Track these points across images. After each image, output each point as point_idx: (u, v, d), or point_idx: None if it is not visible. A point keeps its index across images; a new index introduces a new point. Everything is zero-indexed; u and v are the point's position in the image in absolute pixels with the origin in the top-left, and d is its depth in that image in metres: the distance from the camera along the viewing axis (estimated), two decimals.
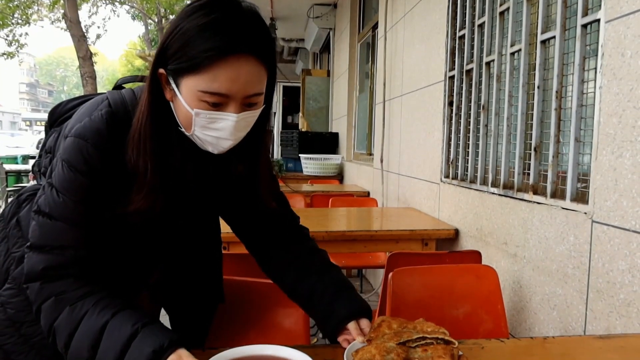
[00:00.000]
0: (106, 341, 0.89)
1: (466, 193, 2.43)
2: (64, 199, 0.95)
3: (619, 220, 1.40)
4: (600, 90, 1.51)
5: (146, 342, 0.87)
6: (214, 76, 0.89)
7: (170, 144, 0.98)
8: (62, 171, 0.95)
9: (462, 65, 2.57)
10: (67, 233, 0.96)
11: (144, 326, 0.90)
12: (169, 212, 1.04)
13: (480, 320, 1.65)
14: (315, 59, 9.59)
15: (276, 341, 0.99)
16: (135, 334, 0.89)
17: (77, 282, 0.96)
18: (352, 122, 5.84)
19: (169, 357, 0.86)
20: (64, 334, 0.92)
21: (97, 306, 0.93)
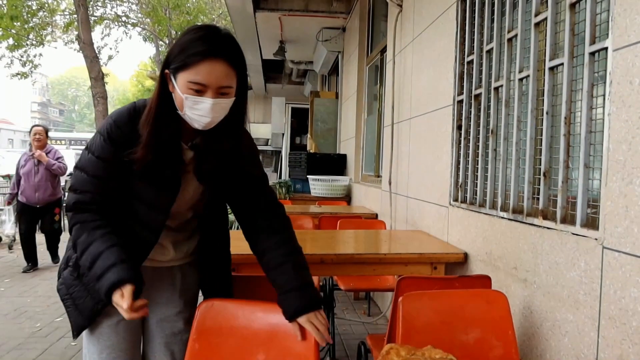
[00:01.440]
0: (99, 262, 1.36)
1: (475, 217, 2.43)
2: (90, 156, 1.43)
3: (630, 246, 1.40)
4: (609, 117, 1.52)
5: (116, 273, 1.33)
6: (197, 71, 1.32)
7: (169, 121, 1.40)
8: (94, 138, 1.46)
9: (470, 90, 2.59)
10: (89, 181, 1.43)
11: (120, 262, 1.35)
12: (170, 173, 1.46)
13: (490, 345, 1.65)
14: (324, 81, 9.69)
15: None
16: (113, 266, 1.34)
17: (94, 216, 1.43)
18: (360, 144, 5.87)
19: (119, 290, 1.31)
20: (80, 249, 1.41)
21: (101, 238, 1.40)
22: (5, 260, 6.21)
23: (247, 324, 1.50)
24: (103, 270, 1.34)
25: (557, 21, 1.86)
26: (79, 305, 1.51)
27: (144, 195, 1.48)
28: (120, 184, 1.46)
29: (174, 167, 1.48)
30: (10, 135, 45.81)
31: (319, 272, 2.46)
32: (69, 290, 1.54)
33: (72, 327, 1.54)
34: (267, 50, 8.30)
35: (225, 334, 1.49)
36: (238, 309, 1.53)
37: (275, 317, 1.47)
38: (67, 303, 1.55)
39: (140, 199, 1.49)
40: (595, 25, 1.63)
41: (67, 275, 1.55)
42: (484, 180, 2.42)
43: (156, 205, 1.50)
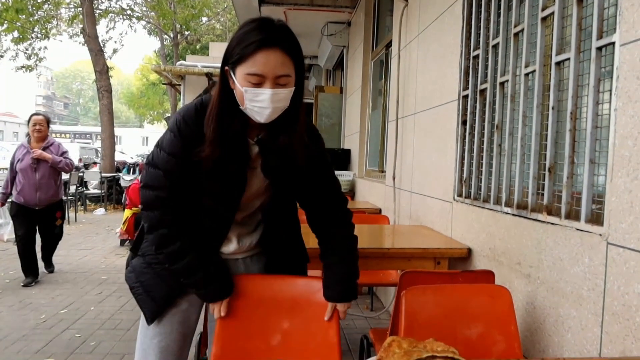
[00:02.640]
0: (198, 275, 1.49)
1: (479, 212, 2.42)
2: (162, 152, 1.45)
3: (635, 242, 1.40)
4: (615, 112, 1.51)
5: (217, 291, 1.53)
6: (254, 62, 1.32)
7: (232, 117, 1.41)
8: (164, 134, 1.48)
9: (476, 85, 2.58)
10: (163, 177, 1.45)
11: (218, 279, 1.53)
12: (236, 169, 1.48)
13: (493, 340, 1.65)
14: (329, 75, 9.67)
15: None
16: (214, 281, 1.52)
17: (177, 219, 1.47)
18: (364, 139, 5.86)
19: (221, 301, 1.54)
20: (172, 258, 1.48)
21: (195, 254, 1.48)
22: (9, 253, 6.24)
23: (273, 295, 1.62)
24: (202, 285, 1.51)
25: (564, 15, 1.85)
26: (151, 292, 1.56)
27: (212, 191, 1.51)
28: (191, 180, 1.48)
29: (240, 163, 1.49)
30: (15, 128, 45.98)
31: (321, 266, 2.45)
32: (140, 277, 1.59)
33: (146, 314, 1.58)
34: None
35: (253, 305, 1.60)
36: (264, 282, 1.64)
37: (298, 290, 1.64)
38: (137, 291, 1.59)
39: (208, 195, 1.52)
40: (603, 19, 1.62)
41: (138, 264, 1.60)
42: (489, 176, 2.41)
43: (224, 201, 1.54)
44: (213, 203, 1.53)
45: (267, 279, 1.65)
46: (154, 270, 1.57)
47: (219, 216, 1.56)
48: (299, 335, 1.58)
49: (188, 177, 1.47)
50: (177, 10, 18.33)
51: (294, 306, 1.61)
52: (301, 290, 1.63)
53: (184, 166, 1.45)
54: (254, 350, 1.56)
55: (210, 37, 23.79)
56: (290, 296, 1.62)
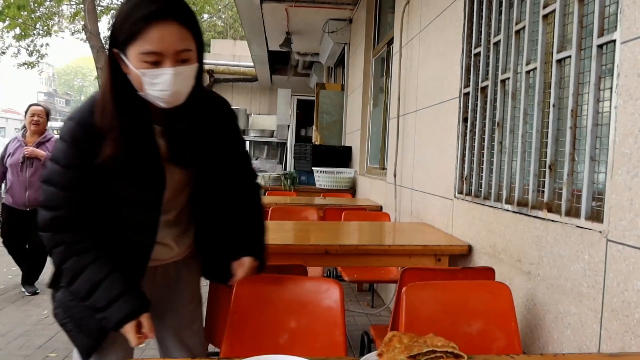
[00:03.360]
0: (100, 292, 1.25)
1: (480, 209, 2.43)
2: (56, 166, 1.26)
3: (635, 239, 1.40)
4: (615, 110, 1.52)
5: (127, 303, 1.26)
6: (146, 39, 1.15)
7: (130, 107, 1.24)
8: (56, 145, 1.28)
9: (477, 82, 2.59)
10: (60, 196, 1.26)
11: (127, 293, 1.27)
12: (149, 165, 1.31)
13: (493, 337, 1.65)
14: (330, 73, 9.67)
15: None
16: (121, 296, 1.26)
17: (77, 235, 1.28)
18: (365, 136, 5.86)
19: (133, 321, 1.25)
20: (68, 276, 1.28)
21: (96, 262, 1.28)
22: None
23: (280, 295, 1.63)
24: (108, 301, 1.25)
25: (566, 13, 1.85)
26: (83, 326, 1.37)
27: (128, 196, 1.32)
28: (99, 191, 1.29)
29: (151, 157, 1.31)
30: (16, 124, 45.99)
31: (323, 262, 2.47)
32: (68, 312, 1.39)
33: (80, 351, 1.39)
34: (273, 42, 8.28)
35: (261, 305, 1.61)
36: (272, 282, 1.65)
37: (305, 289, 1.65)
38: (68, 327, 1.39)
39: (126, 202, 1.33)
40: (604, 17, 1.62)
41: (64, 297, 1.39)
42: (489, 173, 2.42)
43: (145, 204, 1.35)
44: (132, 210, 1.34)
45: (275, 279, 1.66)
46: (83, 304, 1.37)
47: (142, 223, 1.36)
48: (306, 334, 1.60)
49: (95, 188, 1.28)
50: None
51: (301, 306, 1.63)
52: (308, 290, 1.65)
53: (87, 178, 1.26)
54: (262, 349, 1.57)
55: (211, 34, 23.77)
56: (298, 296, 1.64)
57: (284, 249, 2.36)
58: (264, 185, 6.21)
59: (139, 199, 1.33)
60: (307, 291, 1.64)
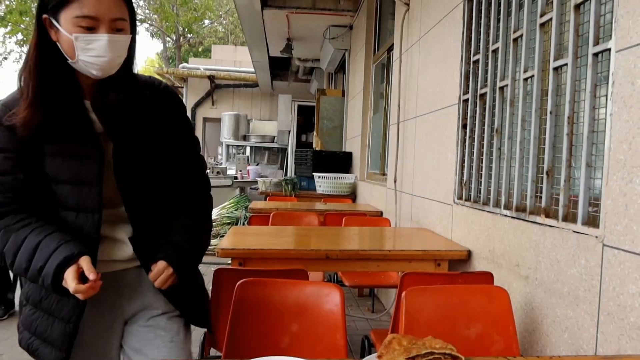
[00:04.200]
0: (38, 254, 1.17)
1: (479, 215, 2.46)
2: None
3: (630, 244, 1.43)
4: (611, 117, 1.55)
5: (62, 252, 1.16)
6: (82, 2, 1.14)
7: (56, 73, 1.21)
8: None
9: (476, 89, 2.62)
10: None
11: (66, 242, 1.18)
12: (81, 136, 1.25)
13: (491, 340, 1.68)
14: (330, 79, 9.71)
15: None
16: (57, 247, 1.17)
17: (16, 217, 1.23)
18: (366, 142, 5.89)
19: (72, 266, 1.14)
20: (10, 254, 1.21)
21: (34, 231, 1.21)
22: None
23: (281, 299, 1.65)
24: (46, 258, 1.16)
25: (562, 22, 1.89)
26: (48, 337, 1.28)
27: (66, 174, 1.24)
28: (36, 173, 1.24)
29: (84, 130, 1.26)
30: None
31: (324, 267, 2.50)
32: (31, 328, 1.30)
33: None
34: (274, 48, 8.33)
35: (262, 309, 1.63)
36: (272, 286, 1.67)
37: (306, 293, 1.66)
38: (34, 346, 1.30)
39: (64, 181, 1.25)
40: (599, 26, 1.65)
41: (25, 314, 1.32)
42: (488, 179, 2.45)
43: (84, 179, 1.25)
44: (71, 187, 1.25)
45: (276, 283, 1.68)
46: (43, 309, 1.29)
47: (85, 202, 1.26)
48: (307, 338, 1.62)
49: (31, 172, 1.24)
50: (179, 13, 18.42)
51: (302, 310, 1.65)
52: (309, 294, 1.67)
53: (21, 161, 1.22)
54: (263, 352, 1.58)
55: (212, 39, 23.87)
56: (299, 300, 1.67)
57: (285, 254, 2.38)
58: (264, 190, 6.24)
59: (77, 175, 1.25)
60: (308, 295, 1.67)
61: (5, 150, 1.22)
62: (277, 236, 2.86)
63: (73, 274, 1.13)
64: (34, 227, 1.21)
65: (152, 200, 1.36)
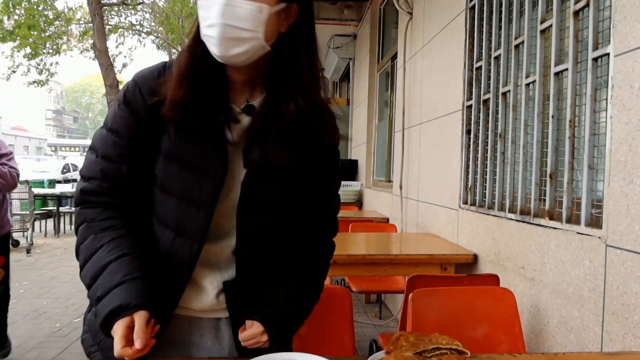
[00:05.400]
0: (102, 279, 0.98)
1: (484, 219, 2.49)
2: (102, 130, 1.08)
3: (632, 243, 1.46)
4: (611, 119, 1.58)
5: (120, 295, 0.95)
6: None
7: (205, 72, 1.01)
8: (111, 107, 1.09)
9: (479, 95, 2.66)
10: (97, 164, 1.06)
11: (131, 280, 0.97)
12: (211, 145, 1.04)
13: (498, 341, 1.70)
14: (335, 87, 9.78)
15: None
16: (120, 284, 0.96)
17: (105, 212, 1.05)
18: (371, 150, 5.94)
19: (124, 317, 0.93)
20: (82, 257, 1.03)
21: (111, 243, 1.01)
22: (23, 263, 6.35)
23: None
24: (106, 290, 0.96)
25: (562, 28, 1.93)
26: (111, 358, 0.99)
27: (175, 185, 1.05)
28: (144, 171, 1.07)
29: (216, 139, 1.04)
30: (25, 142, 46.54)
31: (331, 272, 2.51)
32: (96, 338, 1.11)
33: None
34: None
35: None
36: None
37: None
38: (95, 357, 1.12)
39: (170, 192, 1.06)
40: (598, 32, 1.69)
41: (92, 319, 1.12)
42: (493, 183, 2.48)
43: (195, 197, 1.04)
44: (177, 202, 1.05)
45: None
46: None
47: (187, 223, 1.06)
48: (315, 340, 1.63)
49: (139, 164, 1.06)
50: (184, 25, 18.57)
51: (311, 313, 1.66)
52: None
53: (133, 147, 1.05)
54: None
55: None
56: None
57: None
58: None
59: (188, 189, 1.04)
60: None
61: (118, 133, 1.05)
62: None
63: (122, 331, 0.92)
64: (113, 236, 1.02)
65: (269, 242, 1.13)
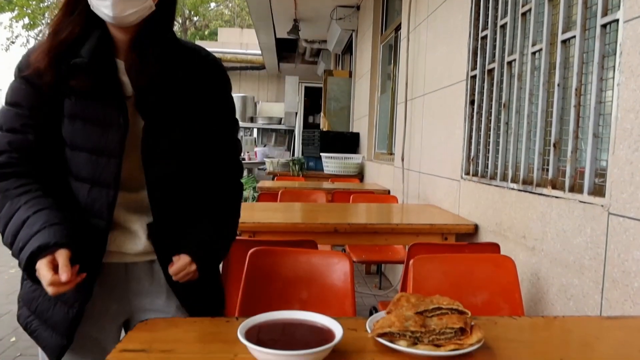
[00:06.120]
0: (22, 232, 1.03)
1: (486, 189, 2.48)
2: (3, 107, 1.13)
3: (635, 211, 1.46)
4: (618, 87, 1.56)
5: (39, 239, 1.00)
6: None
7: (82, 24, 1.09)
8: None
9: (484, 65, 2.63)
10: (2, 138, 1.11)
11: (49, 226, 1.02)
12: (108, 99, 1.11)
13: (498, 308, 1.71)
14: (338, 60, 9.68)
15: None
16: (38, 232, 1.01)
17: (19, 180, 1.09)
18: (373, 122, 5.90)
19: (46, 256, 0.99)
20: (2, 222, 1.07)
21: (28, 203, 1.06)
22: None
23: (291, 267, 1.68)
24: (26, 240, 1.01)
25: None
26: (48, 319, 1.15)
27: (84, 141, 1.11)
28: (50, 135, 1.12)
29: (112, 93, 1.11)
30: None
31: (332, 240, 2.54)
32: (32, 305, 1.17)
33: (49, 353, 1.15)
34: (281, 29, 8.30)
35: (273, 277, 1.66)
36: (282, 255, 1.70)
37: (316, 262, 1.68)
38: (33, 326, 1.16)
39: (80, 148, 1.12)
40: None
41: (26, 290, 1.19)
42: (495, 153, 2.47)
43: (103, 148, 1.11)
44: (87, 156, 1.12)
45: (287, 252, 1.72)
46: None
47: (101, 174, 1.12)
48: (317, 304, 1.65)
49: (46, 132, 1.11)
50: None
51: (312, 277, 1.68)
52: (319, 262, 1.70)
53: (36, 118, 1.10)
54: None
55: (218, 22, 23.75)
56: (309, 268, 1.69)
57: (294, 228, 2.42)
58: (272, 170, 6.28)
59: (96, 143, 1.11)
60: (317, 263, 1.70)
61: (18, 105, 1.11)
62: (286, 211, 2.91)
63: (46, 266, 0.97)
64: (29, 198, 1.07)
65: (179, 185, 1.20)
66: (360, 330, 1.08)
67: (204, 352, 0.98)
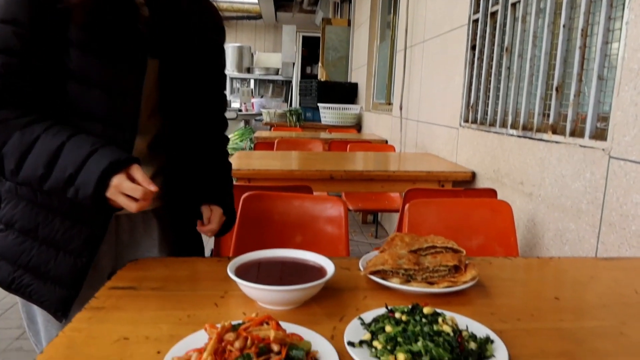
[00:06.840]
0: (64, 159, 0.90)
1: (485, 136, 2.44)
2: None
3: (637, 154, 1.42)
4: (626, 25, 1.50)
5: (104, 156, 0.90)
6: None
7: None
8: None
9: (487, 8, 2.53)
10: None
11: (102, 146, 0.92)
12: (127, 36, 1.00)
13: (493, 251, 1.71)
14: (336, 8, 9.41)
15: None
16: (94, 152, 0.91)
17: (19, 110, 0.94)
18: (371, 72, 5.79)
19: (122, 171, 0.91)
20: (15, 156, 0.92)
21: (49, 131, 0.92)
22: None
23: (285, 212, 1.66)
24: (81, 161, 0.90)
25: None
26: (49, 272, 1.02)
27: (98, 75, 0.98)
28: (56, 65, 0.96)
29: (131, 29, 1.00)
30: None
31: (328, 187, 2.51)
32: (19, 259, 1.02)
33: (53, 310, 1.04)
34: None
35: (267, 221, 1.65)
36: (276, 200, 1.68)
37: (310, 206, 1.66)
38: (23, 281, 1.02)
39: (93, 83, 0.98)
40: None
41: (9, 241, 1.02)
42: (496, 100, 2.41)
43: (120, 85, 1.00)
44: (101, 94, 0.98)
45: (281, 196, 1.70)
46: (40, 238, 1.02)
47: (118, 116, 1.01)
48: (311, 248, 1.64)
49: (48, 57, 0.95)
50: None
51: (306, 222, 1.67)
52: (313, 207, 1.68)
53: (37, 39, 0.93)
54: None
55: None
56: (303, 212, 1.68)
57: (290, 175, 2.40)
58: (269, 121, 6.21)
59: (113, 78, 0.99)
60: (312, 208, 1.69)
61: (18, 23, 0.91)
62: (282, 159, 2.87)
63: (128, 180, 0.90)
64: (47, 126, 0.93)
65: (190, 132, 1.17)
66: (354, 269, 1.07)
67: (194, 289, 0.97)
